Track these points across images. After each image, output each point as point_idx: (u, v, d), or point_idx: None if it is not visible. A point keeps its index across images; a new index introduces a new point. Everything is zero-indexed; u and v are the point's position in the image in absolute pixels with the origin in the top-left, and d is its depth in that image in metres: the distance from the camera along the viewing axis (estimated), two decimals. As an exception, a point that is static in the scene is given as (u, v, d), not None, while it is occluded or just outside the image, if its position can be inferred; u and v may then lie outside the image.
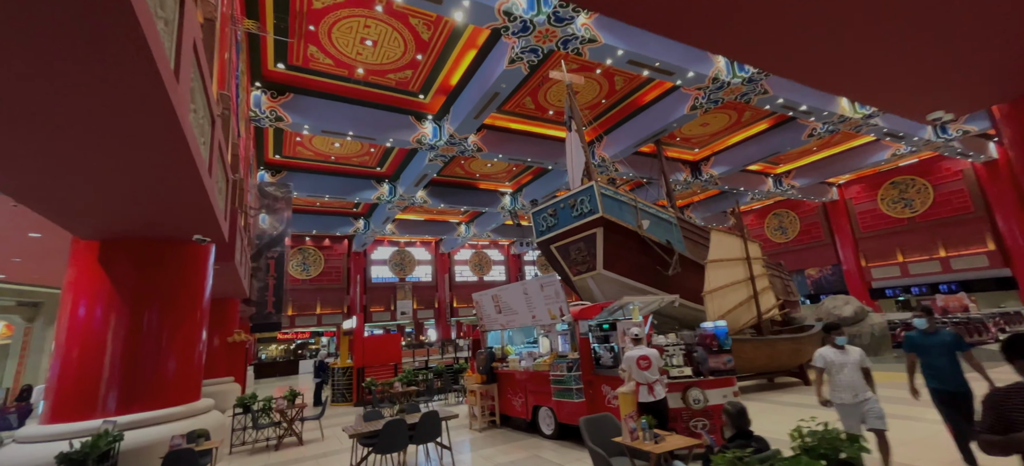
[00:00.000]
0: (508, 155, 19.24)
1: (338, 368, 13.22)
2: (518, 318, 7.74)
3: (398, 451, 5.47)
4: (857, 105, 16.33)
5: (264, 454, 8.18)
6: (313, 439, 9.00)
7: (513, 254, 37.71)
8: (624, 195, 12.35)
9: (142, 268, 7.11)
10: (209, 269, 8.00)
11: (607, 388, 6.09)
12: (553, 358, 6.83)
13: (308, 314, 30.53)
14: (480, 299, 8.88)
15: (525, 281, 7.38)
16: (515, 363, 7.80)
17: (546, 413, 7.03)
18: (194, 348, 7.52)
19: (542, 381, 7.00)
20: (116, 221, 6.19)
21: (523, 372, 7.48)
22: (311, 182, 21.51)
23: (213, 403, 7.80)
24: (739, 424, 2.91)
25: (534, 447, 6.72)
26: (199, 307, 7.71)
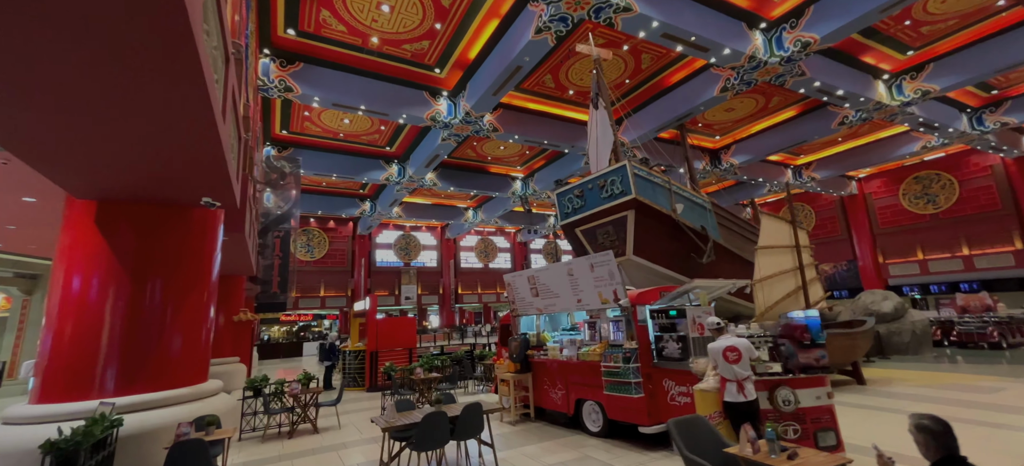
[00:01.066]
0: (524, 136, 18.41)
1: (349, 352, 12.51)
2: (559, 302, 6.99)
3: (437, 448, 4.76)
4: (894, 90, 15.51)
5: (276, 442, 7.48)
6: (329, 426, 8.31)
7: (519, 242, 36.97)
8: (658, 176, 11.53)
9: (144, 234, 6.34)
10: (218, 238, 7.24)
11: (671, 383, 5.38)
12: (604, 347, 6.11)
13: (312, 296, 29.85)
14: (513, 281, 8.13)
15: (571, 261, 6.63)
16: (555, 351, 7.08)
17: (593, 408, 6.33)
18: (201, 324, 6.78)
19: (589, 372, 6.28)
20: (116, 176, 5.41)
21: (565, 362, 6.77)
22: (318, 160, 20.69)
23: (221, 385, 7.09)
24: (948, 445, 2.16)
25: (579, 445, 6.02)
26: (207, 279, 6.96)
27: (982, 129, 17.48)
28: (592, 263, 6.17)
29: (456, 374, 9.20)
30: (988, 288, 20.46)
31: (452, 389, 8.93)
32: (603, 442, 6.08)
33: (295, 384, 7.75)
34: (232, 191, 6.29)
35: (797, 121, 18.45)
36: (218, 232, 7.28)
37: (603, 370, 5.95)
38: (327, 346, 12.35)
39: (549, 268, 7.23)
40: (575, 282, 6.55)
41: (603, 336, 6.37)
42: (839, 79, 14.49)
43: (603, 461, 5.32)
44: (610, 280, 5.92)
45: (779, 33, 13.11)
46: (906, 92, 15.15)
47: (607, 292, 5.99)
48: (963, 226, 21.58)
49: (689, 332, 5.22)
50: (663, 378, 5.53)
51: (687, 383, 5.22)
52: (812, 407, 4.42)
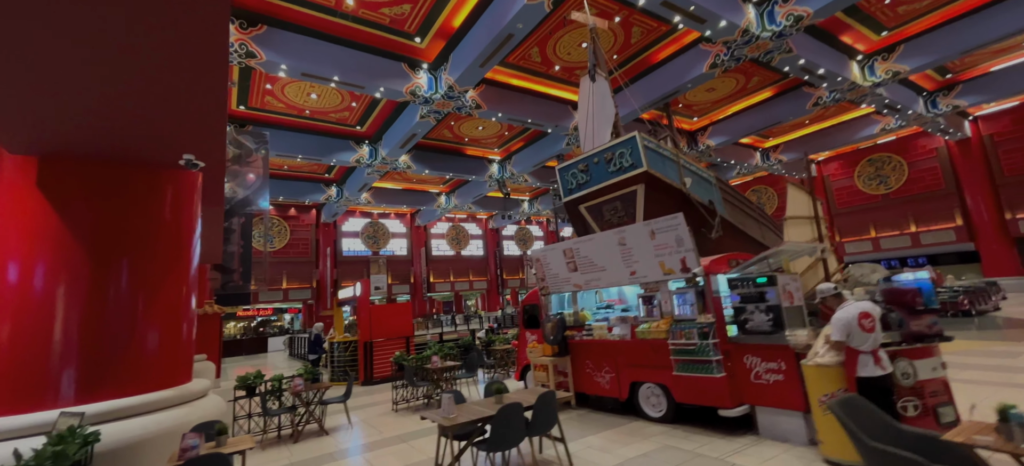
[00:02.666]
0: (508, 114, 17.53)
1: (336, 343, 11.24)
2: (606, 276, 6.26)
3: (513, 447, 3.91)
4: (866, 71, 15.96)
5: (281, 448, 6.33)
6: (338, 426, 7.20)
7: (491, 228, 36.08)
8: (667, 149, 11.03)
9: (105, 201, 5.01)
10: (197, 208, 5.93)
11: (755, 359, 4.82)
12: (669, 323, 5.48)
13: (273, 289, 27.59)
14: (544, 255, 7.31)
15: (624, 228, 5.92)
16: (601, 331, 6.36)
17: (652, 391, 5.68)
18: (183, 314, 5.52)
19: (649, 352, 5.63)
20: (68, 125, 4.08)
21: (615, 342, 6.07)
22: (281, 140, 18.83)
23: (209, 384, 5.85)
24: None
25: (646, 433, 5.33)
26: (187, 259, 5.68)
27: (936, 111, 18.47)
28: (653, 229, 5.49)
29: (474, 361, 8.32)
30: (932, 262, 21.97)
31: (469, 378, 8.07)
32: (671, 429, 5.44)
33: (298, 379, 6.59)
34: (222, 147, 5.06)
35: (773, 102, 18.74)
36: (196, 200, 5.96)
37: (671, 348, 5.32)
38: (312, 338, 11.04)
39: (593, 238, 6.47)
40: (628, 252, 5.86)
41: (664, 311, 5.72)
42: (821, 58, 14.66)
43: (689, 451, 4.68)
44: (677, 247, 5.27)
45: (771, 7, 12.98)
46: (878, 72, 15.61)
47: (672, 261, 5.34)
48: (911, 205, 22.99)
49: (783, 300, 4.67)
50: (744, 354, 4.99)
51: (778, 359, 4.70)
52: (928, 380, 4.00)
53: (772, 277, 4.79)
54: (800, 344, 4.44)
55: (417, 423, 7.01)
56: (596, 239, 6.39)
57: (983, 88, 17.46)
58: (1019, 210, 20.13)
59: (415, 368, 7.81)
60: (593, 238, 6.43)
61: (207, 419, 5.29)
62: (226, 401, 6.47)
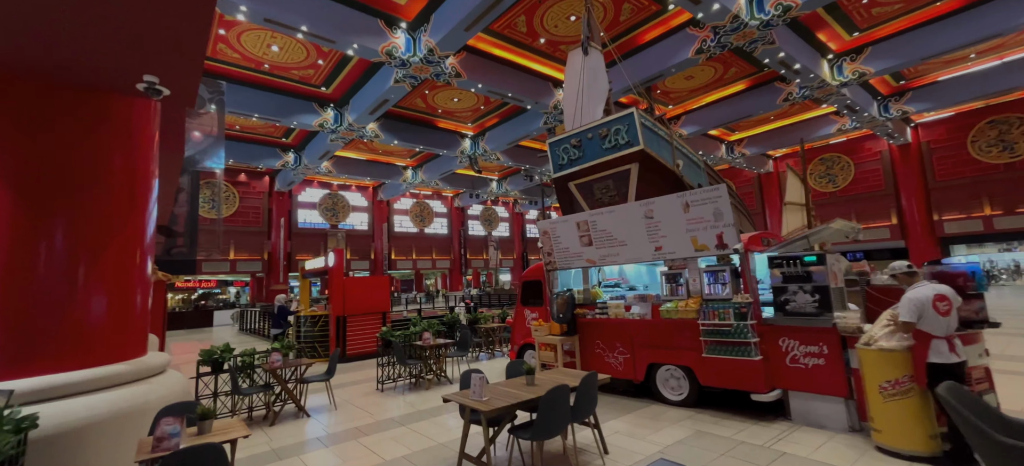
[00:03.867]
0: (488, 86, 16.70)
1: (304, 317, 10.18)
2: (626, 252, 5.79)
3: (556, 435, 3.38)
4: (835, 71, 16.52)
5: (258, 431, 5.45)
6: (320, 407, 6.37)
7: (457, 207, 35.09)
8: (662, 129, 10.77)
9: (39, 130, 3.90)
10: (155, 149, 4.87)
11: (792, 342, 4.55)
12: (699, 303, 5.15)
13: (218, 259, 25.32)
14: (553, 228, 6.75)
15: (653, 201, 5.48)
16: (616, 309, 5.92)
17: (672, 373, 5.34)
18: (137, 275, 4.52)
19: (672, 333, 5.26)
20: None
21: (632, 322, 5.66)
22: (235, 96, 16.96)
23: (168, 359, 4.90)
24: None
25: (670, 417, 4.94)
26: (142, 210, 4.64)
27: (887, 115, 19.59)
28: (688, 201, 5.09)
29: (467, 339, 7.69)
30: (868, 257, 23.62)
31: (461, 357, 7.46)
32: (695, 413, 5.11)
33: (275, 354, 5.70)
34: (197, 70, 4.08)
35: (746, 95, 19.09)
36: (155, 140, 4.89)
37: (702, 329, 4.99)
38: (277, 310, 9.92)
39: (614, 211, 5.99)
40: (655, 226, 5.44)
41: (693, 290, 5.35)
42: (798, 53, 14.95)
43: (728, 438, 4.35)
44: (714, 222, 4.90)
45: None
46: (846, 72, 16.19)
47: (706, 237, 4.97)
48: (855, 203, 24.53)
49: (831, 282, 4.42)
50: (779, 337, 4.71)
51: (820, 342, 4.46)
52: (974, 366, 3.89)
53: (821, 256, 4.54)
54: (850, 327, 4.23)
55: (409, 404, 6.34)
56: (618, 211, 5.93)
57: (929, 96, 18.67)
58: (945, 212, 21.98)
59: (404, 345, 7.09)
60: (614, 210, 5.97)
61: (169, 399, 4.38)
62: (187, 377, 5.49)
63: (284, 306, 9.87)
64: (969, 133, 21.21)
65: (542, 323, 6.48)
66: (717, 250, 4.97)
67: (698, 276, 5.30)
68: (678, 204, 5.19)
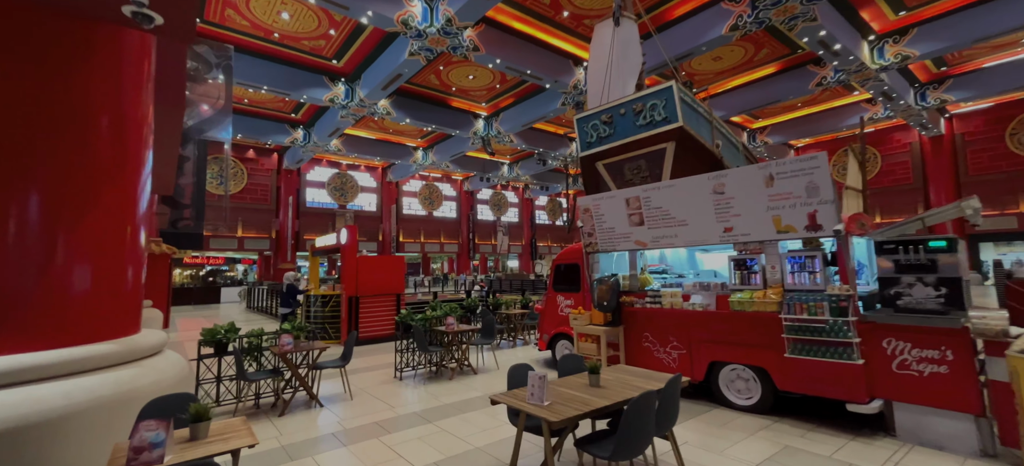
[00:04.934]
0: (506, 62, 15.79)
1: (313, 296, 9.52)
2: (686, 233, 4.99)
3: (640, 454, 2.67)
4: (875, 54, 15.48)
5: (265, 422, 4.79)
6: (334, 396, 5.72)
7: (466, 191, 34.29)
8: (701, 105, 9.88)
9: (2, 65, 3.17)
10: (148, 93, 4.13)
11: (903, 345, 3.78)
12: (780, 294, 4.42)
13: (226, 236, 24.78)
14: (597, 206, 5.97)
15: (724, 173, 4.69)
16: (672, 298, 5.17)
17: (741, 374, 4.63)
18: (127, 242, 3.82)
19: (741, 328, 4.50)
20: None
21: (692, 313, 4.92)
22: (243, 67, 16.16)
23: (165, 337, 4.23)
24: None
25: (743, 426, 4.28)
26: (135, 166, 3.92)
27: (923, 104, 18.52)
28: (773, 173, 4.29)
29: (492, 326, 6.99)
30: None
31: (487, 345, 6.79)
32: (772, 422, 4.32)
33: (285, 337, 5.02)
34: None
35: (776, 79, 18.08)
36: (148, 82, 4.15)
37: (786, 325, 4.26)
38: (285, 288, 9.27)
39: (673, 185, 5.20)
40: (726, 203, 4.66)
41: (771, 279, 4.54)
42: (840, 32, 13.93)
43: (827, 456, 3.57)
44: (805, 198, 4.10)
45: (808, -33, 11.95)
46: (887, 55, 15.15)
47: (794, 216, 4.18)
48: (880, 197, 23.52)
49: (962, 274, 3.63)
50: (883, 337, 3.92)
51: (943, 345, 3.69)
52: None
53: (952, 241, 3.76)
54: (992, 330, 3.47)
55: (431, 395, 5.67)
56: (678, 186, 5.14)
57: (970, 85, 17.57)
58: (977, 208, 20.95)
59: (427, 331, 6.41)
60: (674, 184, 5.18)
61: (163, 385, 3.72)
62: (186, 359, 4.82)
63: (293, 284, 9.22)
64: (1008, 125, 20.09)
65: (581, 311, 5.76)
66: (807, 232, 4.19)
67: (778, 262, 4.53)
68: (759, 177, 4.40)
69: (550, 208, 40.57)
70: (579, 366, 3.81)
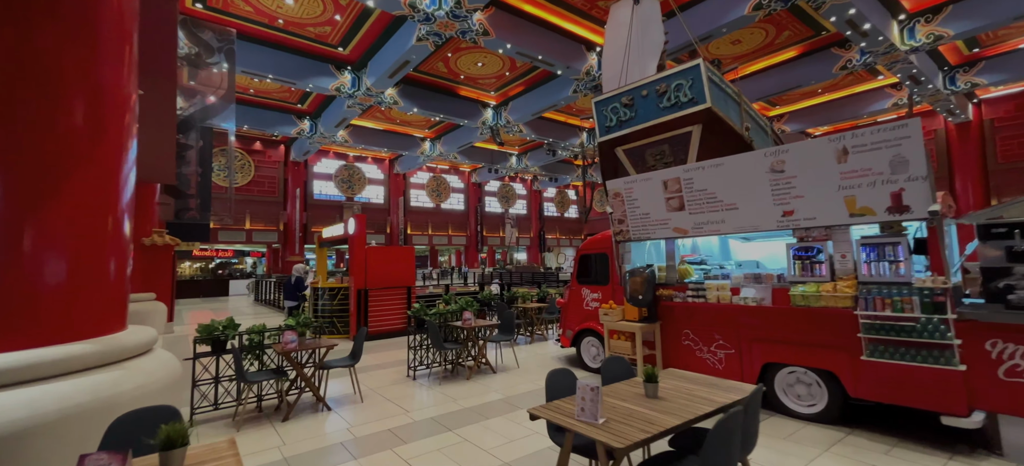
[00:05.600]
0: (517, 47, 15.13)
1: (321, 288, 9.04)
2: (736, 218, 4.35)
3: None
4: (905, 34, 14.63)
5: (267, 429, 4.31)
6: (343, 398, 5.22)
7: (474, 183, 33.71)
8: (729, 85, 9.18)
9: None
10: (130, 55, 3.61)
11: (1012, 347, 3.18)
12: (854, 286, 3.78)
13: (234, 228, 24.47)
14: (629, 189, 5.38)
15: (785, 147, 4.08)
16: (718, 291, 4.59)
17: (803, 378, 4.05)
18: (108, 226, 3.31)
19: (804, 325, 3.87)
20: None
21: (741, 308, 4.38)
22: (247, 54, 15.64)
23: (155, 335, 3.74)
24: None
25: (810, 438, 3.71)
26: (116, 140, 3.40)
27: (953, 88, 17.63)
28: (847, 145, 3.67)
29: (511, 321, 6.45)
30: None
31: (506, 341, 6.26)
32: (843, 433, 3.79)
33: (289, 334, 4.51)
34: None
35: (797, 63, 17.27)
36: (129, 43, 3.61)
37: (864, 323, 3.65)
38: (292, 281, 8.80)
39: (722, 164, 4.57)
40: (786, 183, 4.04)
41: (842, 269, 3.90)
42: (870, 11, 13.11)
43: None
44: (890, 174, 3.47)
45: (841, -61, 11.16)
46: (918, 35, 14.31)
47: (872, 195, 3.56)
48: (901, 184, 22.59)
49: None
50: (987, 339, 3.30)
51: None
52: None
53: None
54: None
55: (449, 398, 5.15)
56: (728, 164, 4.53)
57: (1003, 67, 16.65)
58: (1006, 196, 20.05)
59: (441, 326, 5.88)
60: (722, 163, 4.57)
61: (149, 390, 3.23)
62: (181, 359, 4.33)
63: (301, 278, 8.75)
64: (1041, 110, 19.14)
65: (613, 306, 5.20)
66: (889, 215, 3.57)
67: (850, 250, 3.93)
68: (829, 152, 3.79)
69: (558, 200, 39.92)
70: (626, 370, 3.25)
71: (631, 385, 3.00)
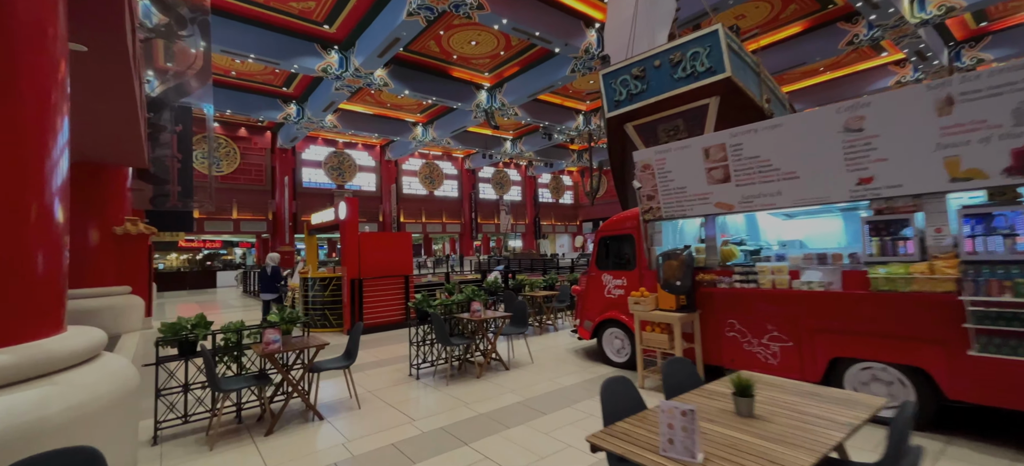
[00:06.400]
0: (513, 22, 14.25)
1: (311, 279, 8.24)
2: (795, 189, 3.46)
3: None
4: (915, 6, 13.99)
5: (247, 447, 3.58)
6: (336, 402, 4.49)
7: (467, 169, 32.78)
8: (749, 55, 8.46)
9: None
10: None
11: None
12: (955, 265, 3.04)
13: (221, 218, 23.38)
14: (661, 160, 4.60)
15: (866, 100, 3.35)
16: (779, 276, 3.91)
17: (876, 375, 3.36)
18: (32, 209, 2.50)
19: (886, 313, 3.28)
20: None
21: (804, 294, 3.72)
22: (227, 32, 14.55)
23: (100, 338, 2.96)
24: None
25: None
26: (38, 100, 2.57)
27: (957, 65, 17.10)
28: (954, 93, 2.93)
29: (523, 312, 5.75)
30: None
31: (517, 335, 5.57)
32: (942, 441, 3.17)
33: (271, 333, 3.75)
34: None
35: (801, 39, 16.59)
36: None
37: (973, 311, 2.93)
38: (269, 272, 7.99)
39: (781, 124, 3.79)
40: (865, 144, 3.31)
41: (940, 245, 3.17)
42: (883, -20, 12.43)
43: None
44: (1012, 125, 2.71)
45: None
46: (928, 8, 13.67)
47: (985, 155, 2.80)
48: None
49: None
50: None
51: None
52: None
53: None
54: None
55: (459, 401, 4.46)
56: (787, 126, 3.78)
57: (1012, 41, 16.15)
58: (1004, 175, 19.77)
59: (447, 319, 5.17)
60: (781, 124, 3.83)
61: (91, 410, 2.49)
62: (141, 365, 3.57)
63: (276, 267, 7.94)
64: (1041, 87, 18.74)
65: (645, 294, 4.51)
66: (1008, 177, 2.86)
67: (946, 223, 3.24)
68: (926, 102, 3.06)
69: (554, 186, 39.17)
70: (691, 377, 2.56)
71: (708, 397, 2.31)
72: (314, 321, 8.16)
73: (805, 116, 3.71)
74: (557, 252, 35.40)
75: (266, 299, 8.52)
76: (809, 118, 3.68)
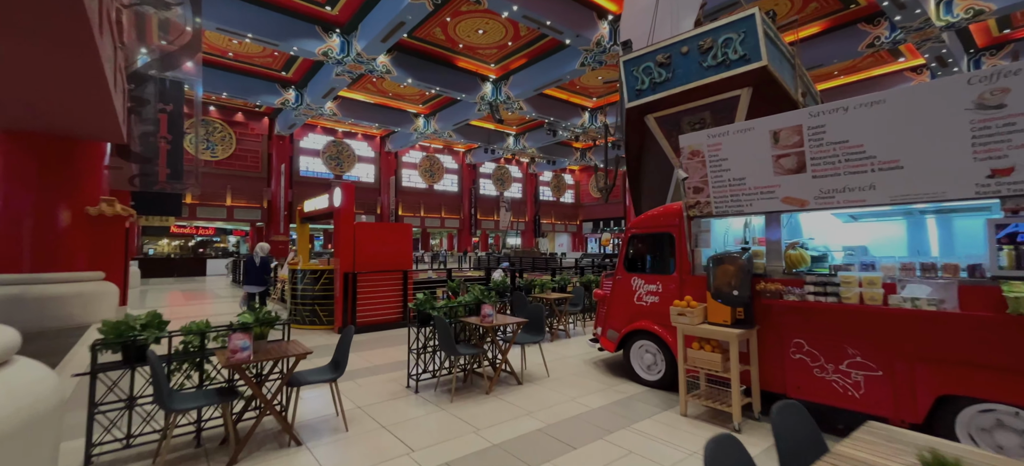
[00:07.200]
0: (524, 9, 13.46)
1: (301, 271, 7.42)
2: (893, 183, 2.58)
3: None
4: (942, 8, 13.29)
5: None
6: (319, 421, 3.70)
7: (468, 164, 31.94)
8: (784, 44, 7.69)
9: None
10: None
11: None
12: None
13: (214, 205, 22.46)
14: (715, 144, 3.79)
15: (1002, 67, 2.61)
16: (868, 290, 3.08)
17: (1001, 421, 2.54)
18: None
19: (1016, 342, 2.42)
20: None
21: (897, 314, 2.90)
22: (223, 9, 13.67)
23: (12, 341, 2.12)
24: None
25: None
26: None
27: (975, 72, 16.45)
28: None
29: (540, 318, 4.97)
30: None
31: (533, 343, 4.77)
32: None
33: (238, 337, 2.95)
34: None
35: (821, 40, 15.89)
36: None
37: None
38: (259, 262, 7.18)
39: (884, 99, 2.98)
40: (1004, 125, 2.54)
41: None
42: (913, -21, 11.72)
43: None
44: None
45: None
46: (955, 10, 12.97)
47: None
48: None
49: None
50: None
51: None
52: None
53: None
54: None
55: (468, 425, 3.68)
56: (891, 101, 2.99)
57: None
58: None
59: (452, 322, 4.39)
60: (883, 99, 3.01)
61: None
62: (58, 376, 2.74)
63: (265, 258, 7.14)
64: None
65: (691, 304, 3.73)
66: None
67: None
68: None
69: (555, 184, 38.41)
70: (810, 433, 1.80)
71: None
72: (303, 317, 7.34)
73: (920, 88, 2.94)
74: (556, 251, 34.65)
75: (251, 292, 7.71)
76: (925, 91, 2.91)
